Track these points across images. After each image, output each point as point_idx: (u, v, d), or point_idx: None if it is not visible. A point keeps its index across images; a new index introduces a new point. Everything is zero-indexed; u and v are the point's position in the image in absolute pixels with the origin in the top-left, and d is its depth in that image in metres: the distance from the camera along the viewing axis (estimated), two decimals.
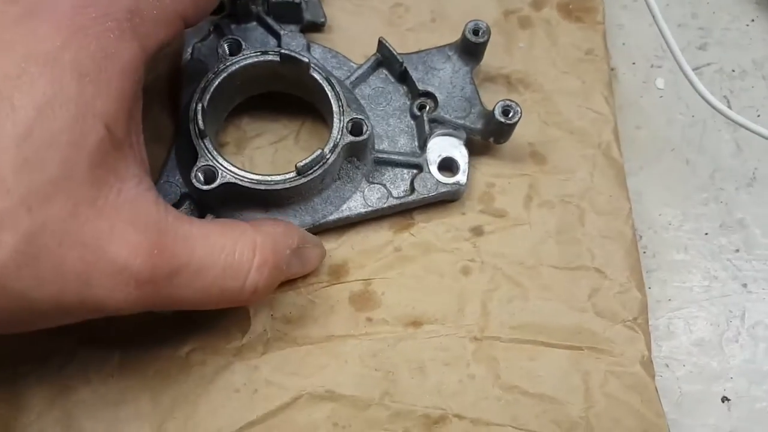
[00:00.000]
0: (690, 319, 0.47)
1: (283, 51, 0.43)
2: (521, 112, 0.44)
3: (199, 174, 0.40)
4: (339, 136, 0.42)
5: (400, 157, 0.46)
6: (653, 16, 0.47)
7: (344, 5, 0.52)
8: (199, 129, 0.40)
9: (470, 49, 0.47)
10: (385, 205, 0.45)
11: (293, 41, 0.48)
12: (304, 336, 0.43)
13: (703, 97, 0.47)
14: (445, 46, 0.49)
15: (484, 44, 0.46)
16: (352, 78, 0.48)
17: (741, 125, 0.47)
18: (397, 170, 0.46)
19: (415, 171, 0.46)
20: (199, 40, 0.48)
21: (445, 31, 0.52)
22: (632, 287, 0.44)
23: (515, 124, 0.44)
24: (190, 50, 0.48)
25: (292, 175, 0.41)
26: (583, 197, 0.47)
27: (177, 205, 0.43)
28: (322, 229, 0.45)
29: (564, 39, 0.53)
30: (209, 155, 0.40)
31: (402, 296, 0.44)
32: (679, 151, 0.52)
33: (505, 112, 0.44)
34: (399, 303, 0.44)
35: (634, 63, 0.55)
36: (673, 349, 0.47)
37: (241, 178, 0.40)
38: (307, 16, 0.50)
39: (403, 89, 0.48)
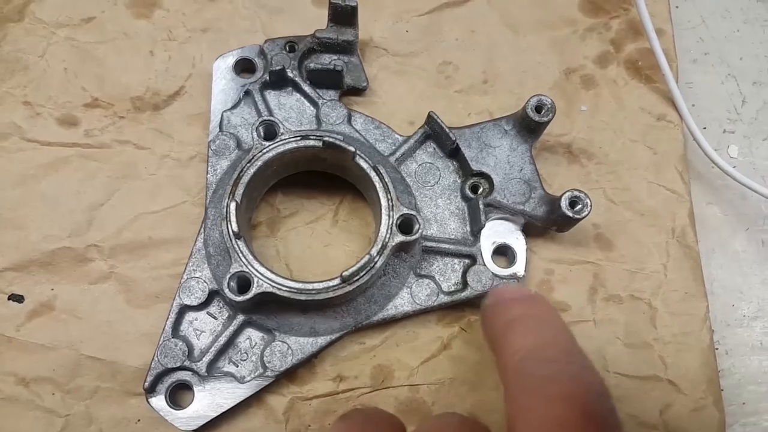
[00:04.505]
0: None
1: (326, 138, 0.38)
2: (591, 205, 0.39)
3: (233, 283, 0.36)
4: (388, 236, 0.37)
5: (451, 246, 0.41)
6: None
7: (387, 63, 0.47)
8: (232, 231, 0.36)
9: (530, 126, 0.42)
10: (435, 303, 0.40)
11: (333, 111, 0.43)
12: None
13: None
14: (501, 118, 0.43)
15: (547, 123, 0.41)
16: (398, 154, 0.43)
17: None
18: (447, 260, 0.41)
19: (467, 261, 0.41)
20: (228, 108, 0.43)
21: (498, 93, 0.47)
22: (709, 404, 0.40)
23: (584, 218, 0.39)
24: (218, 120, 0.43)
25: (336, 282, 0.36)
26: (656, 294, 0.42)
27: (205, 305, 0.39)
28: (364, 328, 0.40)
29: (632, 102, 0.47)
30: (243, 260, 0.36)
31: (455, 408, 0.40)
32: (753, 231, 0.47)
33: (573, 204, 0.39)
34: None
35: (705, 128, 0.49)
36: None
37: (279, 286, 0.36)
38: (348, 80, 0.44)
39: (453, 165, 0.43)
